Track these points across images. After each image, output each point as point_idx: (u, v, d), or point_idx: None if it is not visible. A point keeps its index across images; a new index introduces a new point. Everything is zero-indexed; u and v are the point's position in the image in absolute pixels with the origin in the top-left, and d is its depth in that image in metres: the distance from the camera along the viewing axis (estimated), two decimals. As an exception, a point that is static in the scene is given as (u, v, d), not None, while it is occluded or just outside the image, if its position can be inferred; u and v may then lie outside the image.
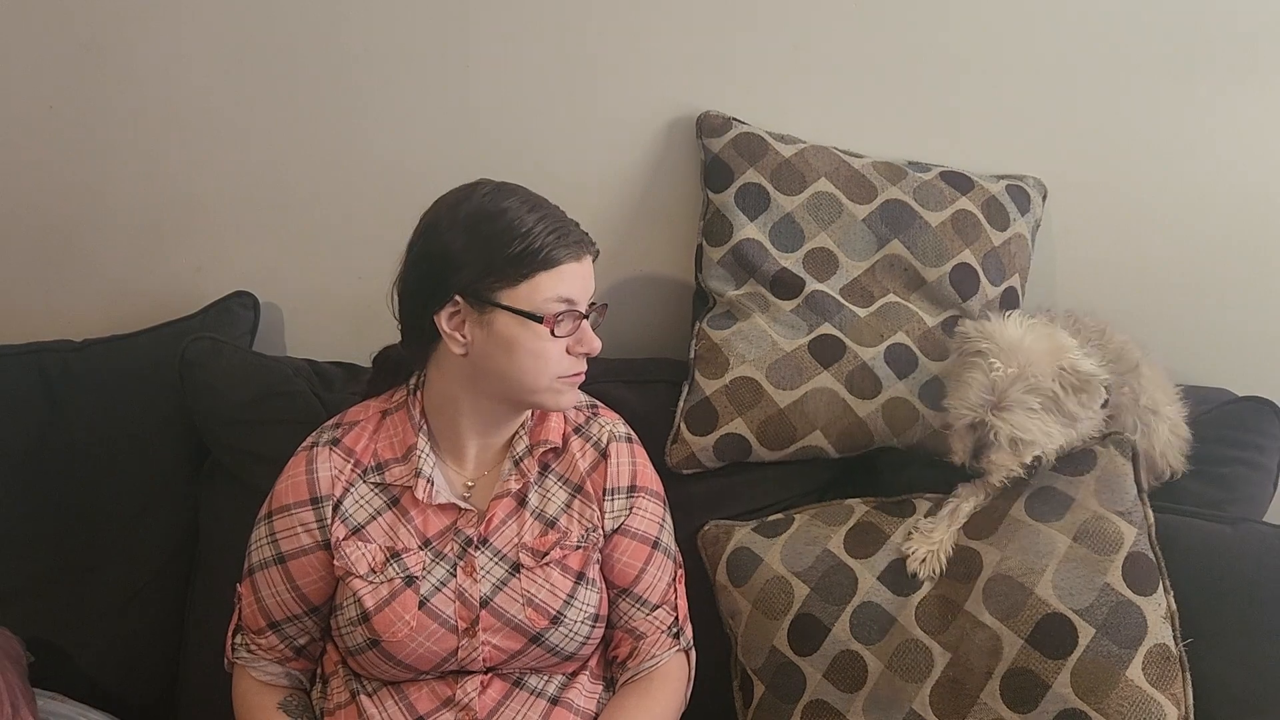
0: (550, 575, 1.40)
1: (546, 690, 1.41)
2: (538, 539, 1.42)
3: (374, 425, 1.47)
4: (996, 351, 1.44)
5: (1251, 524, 1.51)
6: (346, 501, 1.41)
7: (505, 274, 1.33)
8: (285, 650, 1.45)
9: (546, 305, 1.33)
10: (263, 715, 1.41)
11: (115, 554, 1.69)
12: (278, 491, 1.44)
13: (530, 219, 1.34)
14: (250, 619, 1.45)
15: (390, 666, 1.37)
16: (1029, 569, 1.41)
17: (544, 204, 1.38)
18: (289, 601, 1.42)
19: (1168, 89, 1.75)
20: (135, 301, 1.87)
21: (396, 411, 1.47)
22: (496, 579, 1.39)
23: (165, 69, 1.78)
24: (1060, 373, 1.43)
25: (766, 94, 1.78)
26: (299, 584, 1.42)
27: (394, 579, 1.38)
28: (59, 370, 1.75)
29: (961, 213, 1.71)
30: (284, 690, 1.45)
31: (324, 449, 1.44)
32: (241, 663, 1.45)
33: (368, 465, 1.43)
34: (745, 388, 1.63)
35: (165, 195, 1.84)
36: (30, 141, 1.82)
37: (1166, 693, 1.35)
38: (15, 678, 1.44)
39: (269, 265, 1.86)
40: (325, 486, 1.42)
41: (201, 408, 1.69)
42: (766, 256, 1.70)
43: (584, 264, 1.37)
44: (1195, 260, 1.83)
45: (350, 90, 1.78)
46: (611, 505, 1.46)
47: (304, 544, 1.41)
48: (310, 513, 1.41)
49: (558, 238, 1.33)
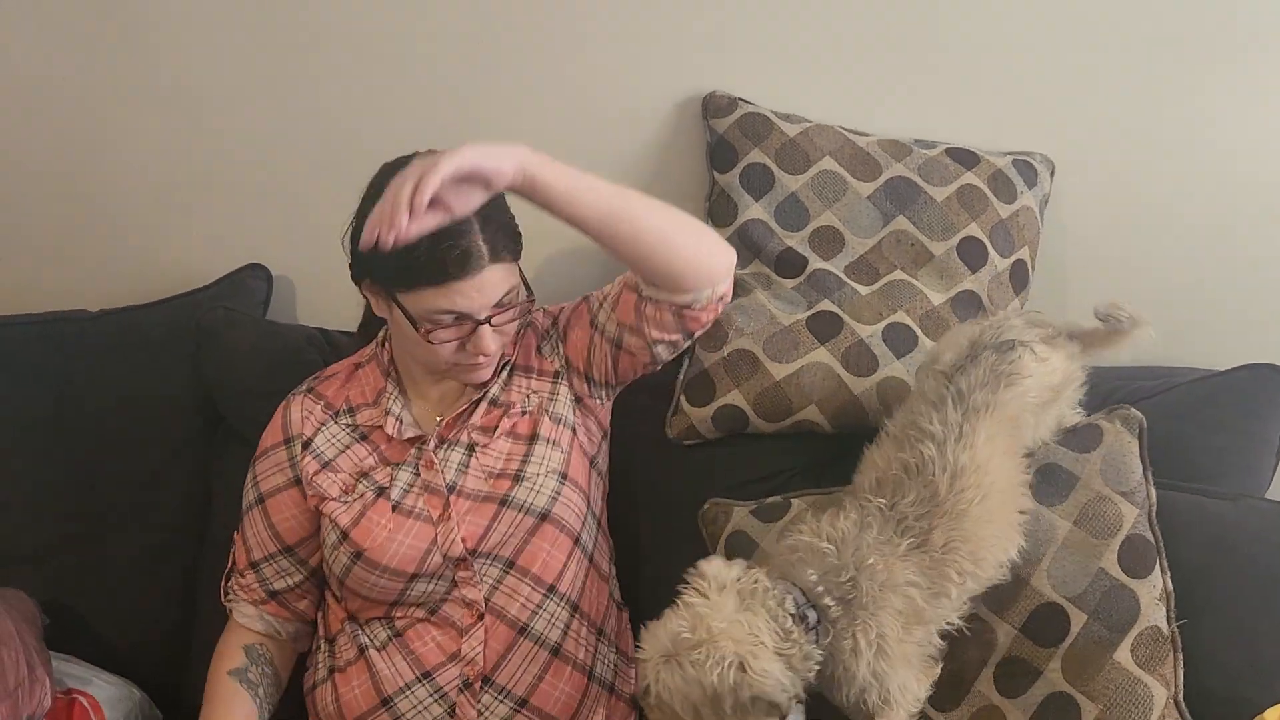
0: (501, 445, 1.47)
1: (549, 639, 1.44)
2: (485, 418, 1.48)
3: (346, 375, 1.56)
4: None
5: (1251, 500, 1.49)
6: (318, 439, 1.50)
7: (394, 279, 1.35)
8: (260, 591, 1.52)
9: (426, 315, 1.35)
10: (217, 668, 1.48)
11: (130, 519, 1.73)
12: (261, 440, 1.55)
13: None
14: (239, 558, 1.54)
15: (379, 577, 1.42)
16: (1026, 559, 1.39)
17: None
18: (266, 540, 1.51)
19: (1180, 67, 1.72)
20: (149, 273, 1.90)
21: (368, 364, 1.56)
22: (456, 464, 1.46)
23: (178, 40, 1.80)
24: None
25: (774, 74, 1.77)
26: (274, 521, 1.50)
27: (365, 493, 1.45)
28: (75, 339, 1.78)
29: (967, 187, 1.70)
30: (254, 636, 1.51)
31: (298, 396, 1.55)
32: (229, 604, 1.53)
33: (340, 408, 1.52)
34: (742, 360, 1.63)
35: (178, 168, 1.87)
36: (43, 114, 1.86)
37: (1155, 673, 1.33)
38: (32, 639, 1.49)
39: (282, 237, 1.89)
40: (296, 427, 1.51)
41: (218, 376, 1.73)
42: (771, 236, 1.70)
43: (477, 278, 1.33)
44: (1207, 241, 1.80)
45: (362, 63, 1.80)
46: (549, 344, 1.54)
47: (278, 483, 1.51)
48: (284, 451, 1.51)
49: (439, 258, 1.30)
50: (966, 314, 1.67)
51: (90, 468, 1.73)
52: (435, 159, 1.21)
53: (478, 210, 1.29)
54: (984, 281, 1.68)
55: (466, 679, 1.41)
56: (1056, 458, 1.46)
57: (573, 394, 1.54)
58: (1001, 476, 1.33)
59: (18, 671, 1.40)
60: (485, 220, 1.33)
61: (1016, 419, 1.37)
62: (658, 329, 1.46)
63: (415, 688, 1.41)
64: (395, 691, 1.41)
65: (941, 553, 1.28)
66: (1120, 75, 1.74)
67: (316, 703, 1.49)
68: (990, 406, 1.33)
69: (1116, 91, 1.74)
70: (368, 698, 1.42)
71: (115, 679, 1.59)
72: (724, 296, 1.48)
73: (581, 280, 1.68)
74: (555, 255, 1.81)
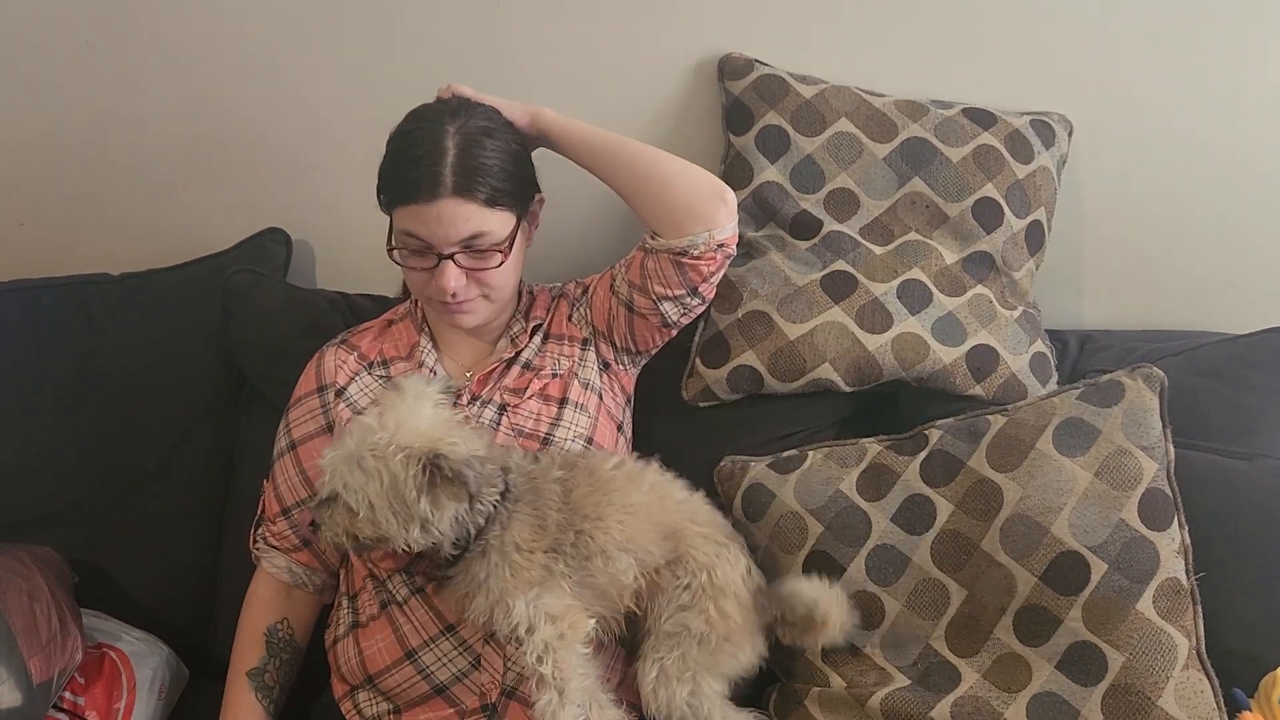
0: (531, 405, 1.51)
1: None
2: (516, 380, 1.53)
3: (379, 330, 1.61)
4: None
5: (1269, 459, 1.50)
6: (351, 388, 1.54)
7: (382, 190, 1.45)
8: (293, 538, 1.54)
9: (397, 235, 1.45)
10: (238, 659, 1.50)
11: (156, 479, 1.74)
12: (295, 389, 1.59)
13: (391, 152, 1.44)
14: (269, 507, 1.56)
15: None
16: (1047, 508, 1.41)
17: (421, 140, 1.40)
18: (298, 485, 1.54)
19: (1202, 23, 1.71)
20: (170, 237, 1.91)
21: (401, 321, 1.61)
22: (488, 421, 1.48)
23: (201, 6, 1.81)
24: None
25: (791, 34, 1.77)
26: (306, 467, 1.53)
27: None
28: (99, 302, 1.79)
29: (983, 147, 1.69)
30: (278, 604, 1.53)
31: (331, 348, 1.59)
32: (257, 552, 1.56)
33: (373, 360, 1.56)
34: (757, 321, 1.64)
35: (199, 133, 1.88)
36: (67, 78, 1.87)
37: (1177, 624, 1.35)
38: (63, 595, 1.51)
39: (301, 202, 1.89)
40: (329, 375, 1.55)
41: (245, 337, 1.75)
42: (787, 199, 1.70)
43: (433, 206, 1.39)
44: (1224, 203, 1.79)
45: (381, 28, 1.80)
46: (578, 312, 1.59)
47: (310, 429, 1.54)
48: (316, 399, 1.55)
49: (399, 178, 1.40)
50: (979, 274, 1.68)
51: (116, 428, 1.74)
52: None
53: (459, 144, 1.39)
54: (999, 243, 1.68)
55: (492, 630, 1.42)
56: (1079, 412, 1.47)
57: (600, 360, 1.58)
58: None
59: (50, 626, 1.42)
60: (463, 155, 1.40)
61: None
62: (660, 284, 1.49)
63: (440, 640, 1.42)
64: (419, 645, 1.42)
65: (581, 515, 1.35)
66: (1141, 33, 1.73)
67: (339, 657, 1.51)
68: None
69: (1137, 50, 1.73)
70: (391, 651, 1.43)
71: (143, 635, 1.62)
72: (724, 245, 1.50)
73: (594, 259, 1.72)
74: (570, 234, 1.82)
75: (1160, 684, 1.32)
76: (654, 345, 1.59)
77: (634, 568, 1.36)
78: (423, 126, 1.43)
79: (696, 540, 1.40)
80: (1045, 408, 1.49)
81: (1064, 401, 1.49)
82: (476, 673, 1.40)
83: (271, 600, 1.53)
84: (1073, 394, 1.50)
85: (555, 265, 1.74)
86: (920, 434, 1.55)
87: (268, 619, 1.52)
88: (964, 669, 1.42)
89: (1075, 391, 1.50)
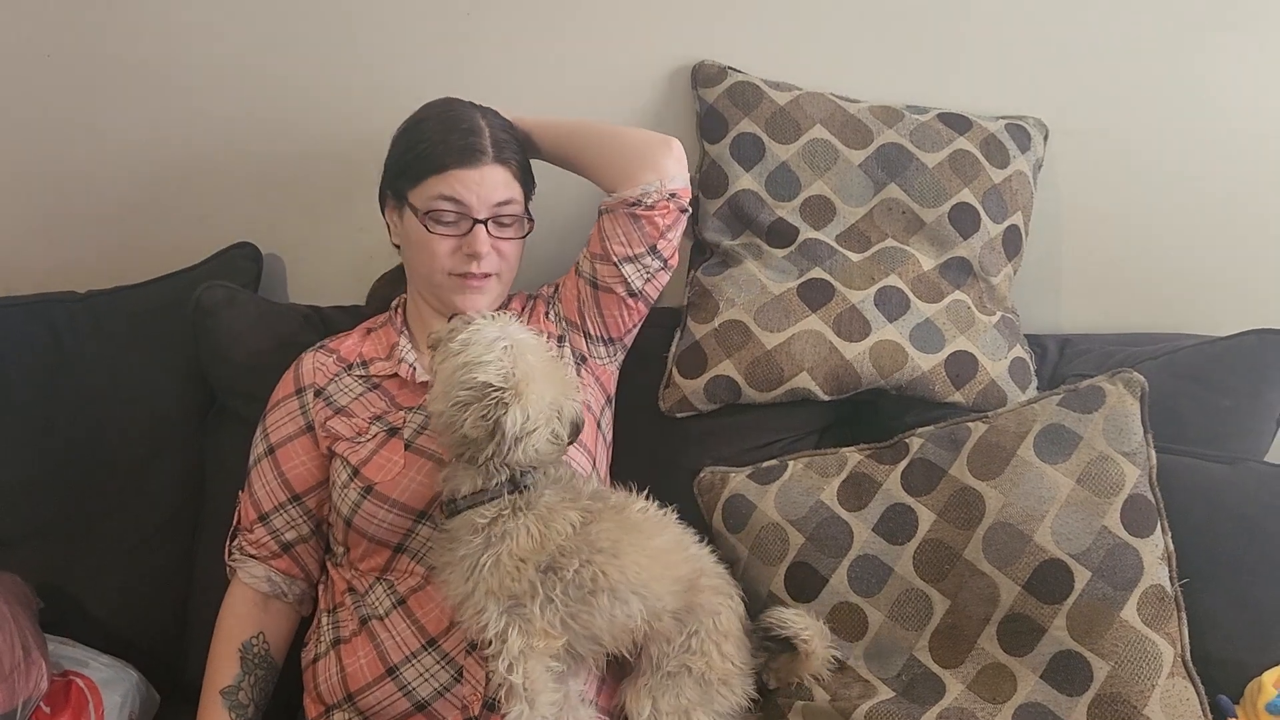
0: None
1: None
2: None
3: (360, 336, 1.63)
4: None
5: (1250, 464, 1.50)
6: (330, 388, 1.55)
7: (407, 175, 1.52)
8: (272, 545, 1.52)
9: (428, 204, 1.50)
10: (211, 679, 1.48)
11: (123, 501, 1.71)
12: (271, 396, 1.59)
13: (431, 128, 1.53)
14: (245, 515, 1.55)
15: (388, 511, 1.43)
16: (1029, 515, 1.40)
17: (462, 117, 1.53)
18: (276, 489, 1.53)
19: (1175, 27, 1.72)
20: (137, 254, 1.88)
21: (380, 328, 1.63)
22: None
23: (164, 16, 1.79)
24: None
25: (765, 41, 1.76)
26: (284, 470, 1.53)
27: (378, 434, 1.49)
28: (65, 321, 1.76)
29: (959, 152, 1.69)
30: (252, 619, 1.50)
31: (310, 353, 1.61)
32: (233, 564, 1.54)
33: (353, 362, 1.58)
34: (734, 330, 1.63)
35: (166, 146, 1.86)
36: (28, 92, 1.84)
37: (1161, 632, 1.34)
38: (27, 621, 1.47)
39: (271, 217, 1.87)
40: (308, 377, 1.57)
41: (216, 354, 1.71)
42: (763, 207, 1.69)
43: (476, 171, 1.50)
44: (1204, 204, 1.79)
45: (348, 38, 1.79)
46: (552, 310, 1.62)
47: (289, 432, 1.54)
48: (295, 401, 1.56)
49: (447, 146, 1.50)
50: (957, 280, 1.68)
51: (82, 449, 1.72)
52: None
53: (490, 124, 1.53)
54: (976, 248, 1.68)
55: (474, 640, 1.40)
56: (1060, 418, 1.46)
57: (575, 355, 1.58)
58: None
59: (13, 655, 1.38)
60: (492, 126, 1.53)
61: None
62: (620, 243, 1.54)
63: (421, 655, 1.41)
64: (401, 660, 1.41)
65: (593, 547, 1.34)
66: (1114, 36, 1.73)
67: (318, 675, 1.49)
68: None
69: (1110, 53, 1.74)
70: (373, 668, 1.42)
71: (112, 660, 1.58)
72: (676, 195, 1.55)
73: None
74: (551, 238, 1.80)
75: (1146, 692, 1.31)
76: (626, 327, 1.59)
77: (642, 613, 1.35)
78: (455, 107, 1.55)
79: (707, 592, 1.41)
80: (1026, 414, 1.49)
81: (1045, 408, 1.48)
82: (458, 686, 1.40)
83: (247, 614, 1.51)
84: (1053, 400, 1.49)
85: (531, 276, 1.72)
86: (901, 443, 1.55)
87: (243, 634, 1.49)
88: (949, 680, 1.41)
89: (1056, 398, 1.49)
